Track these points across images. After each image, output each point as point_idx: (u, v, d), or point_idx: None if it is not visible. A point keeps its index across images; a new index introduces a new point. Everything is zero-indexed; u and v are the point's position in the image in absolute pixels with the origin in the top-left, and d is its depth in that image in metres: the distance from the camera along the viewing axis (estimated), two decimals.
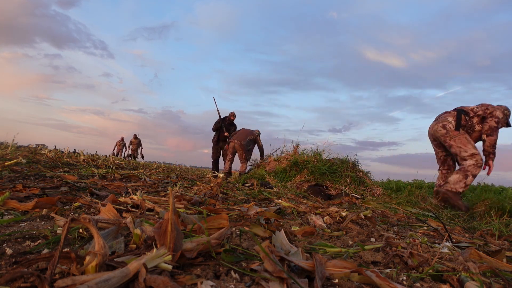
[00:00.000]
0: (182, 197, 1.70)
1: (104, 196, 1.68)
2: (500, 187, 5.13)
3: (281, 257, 0.73)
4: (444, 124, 3.25)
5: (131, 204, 1.34)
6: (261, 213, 1.44)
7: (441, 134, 3.26)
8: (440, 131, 3.27)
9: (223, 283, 0.64)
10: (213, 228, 0.98)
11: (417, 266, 0.89)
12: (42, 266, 0.62)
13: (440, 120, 3.34)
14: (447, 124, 3.23)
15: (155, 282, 0.53)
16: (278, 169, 5.97)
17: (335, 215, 1.65)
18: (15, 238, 0.81)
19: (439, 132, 3.28)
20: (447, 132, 3.19)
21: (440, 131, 3.27)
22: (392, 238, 1.28)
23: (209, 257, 0.78)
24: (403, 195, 4.58)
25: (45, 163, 3.40)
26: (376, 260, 0.94)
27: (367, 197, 4.32)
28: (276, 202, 2.07)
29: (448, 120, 3.25)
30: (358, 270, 0.73)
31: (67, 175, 2.33)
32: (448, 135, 3.19)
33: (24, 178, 2.13)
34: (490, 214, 2.71)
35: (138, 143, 14.88)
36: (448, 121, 3.25)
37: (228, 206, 1.76)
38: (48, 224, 1.00)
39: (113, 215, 1.01)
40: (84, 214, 1.19)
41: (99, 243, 0.61)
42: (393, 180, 7.31)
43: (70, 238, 0.85)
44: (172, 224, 0.70)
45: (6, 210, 1.11)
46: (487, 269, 0.85)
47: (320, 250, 1.01)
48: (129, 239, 0.87)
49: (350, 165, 5.58)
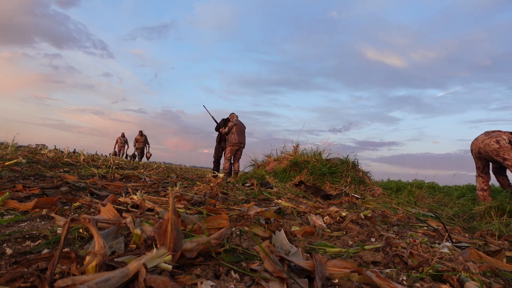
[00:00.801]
0: (182, 197, 1.70)
1: (104, 196, 1.68)
2: (500, 187, 5.13)
3: (281, 257, 0.73)
4: (498, 140, 3.56)
5: (131, 204, 1.34)
6: (261, 213, 1.44)
7: (493, 148, 3.56)
8: (492, 145, 3.58)
9: (223, 283, 0.64)
10: (213, 228, 0.98)
11: (417, 266, 0.89)
12: (42, 266, 0.62)
13: (494, 136, 3.63)
14: (501, 140, 3.54)
15: (155, 282, 0.53)
16: (278, 169, 5.97)
17: (335, 215, 1.65)
18: (15, 238, 0.81)
19: (491, 146, 3.59)
20: (501, 147, 3.50)
21: (492, 145, 3.58)
22: (392, 238, 1.28)
23: (209, 257, 0.78)
24: (403, 195, 4.58)
25: (45, 163, 3.40)
26: (376, 260, 0.94)
27: (367, 197, 4.33)
28: (276, 202, 2.07)
29: (502, 137, 3.57)
30: (358, 270, 0.73)
31: (67, 175, 2.33)
32: (502, 149, 3.50)
33: (24, 178, 2.13)
34: (490, 214, 2.71)
35: (145, 140, 12.88)
36: (502, 138, 3.56)
37: (228, 206, 1.76)
38: (48, 224, 1.00)
39: (113, 215, 1.01)
40: (84, 214, 1.19)
41: (99, 243, 0.61)
42: (393, 180, 7.31)
43: (70, 238, 0.85)
44: (172, 224, 0.70)
45: (6, 210, 1.11)
46: (487, 269, 0.85)
47: (320, 250, 1.01)
48: (129, 239, 0.87)
49: (350, 165, 5.58)
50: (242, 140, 6.54)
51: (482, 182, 3.95)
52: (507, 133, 3.66)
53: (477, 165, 4.01)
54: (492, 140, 3.61)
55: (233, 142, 6.41)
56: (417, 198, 4.51)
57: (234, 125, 6.47)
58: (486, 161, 3.89)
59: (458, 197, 4.51)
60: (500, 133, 3.66)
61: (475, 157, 3.97)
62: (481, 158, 3.88)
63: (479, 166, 3.96)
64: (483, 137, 3.78)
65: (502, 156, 3.51)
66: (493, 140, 3.60)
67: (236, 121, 6.55)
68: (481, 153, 3.79)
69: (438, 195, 4.77)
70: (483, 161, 3.91)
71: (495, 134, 3.67)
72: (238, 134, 6.47)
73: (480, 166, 3.96)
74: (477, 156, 3.92)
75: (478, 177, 3.99)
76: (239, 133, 6.51)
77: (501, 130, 3.76)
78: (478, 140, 3.85)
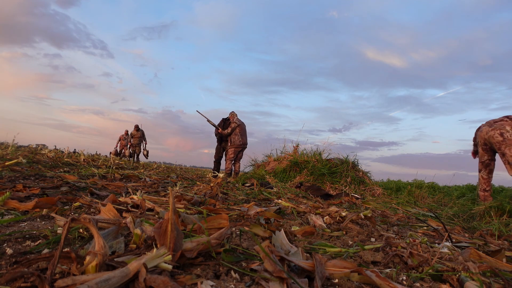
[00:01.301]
0: (182, 197, 1.70)
1: (104, 196, 1.68)
2: (500, 187, 5.13)
3: (281, 257, 0.73)
4: (502, 132, 3.43)
5: (131, 204, 1.34)
6: (261, 213, 1.44)
7: (497, 140, 3.44)
8: (496, 137, 3.45)
9: (223, 283, 0.64)
10: (213, 228, 0.98)
11: (417, 266, 0.89)
12: (42, 266, 0.62)
13: (497, 127, 3.50)
14: (505, 132, 3.41)
15: (155, 282, 0.53)
16: (278, 169, 5.97)
17: (335, 215, 1.65)
18: (16, 238, 0.82)
19: (495, 138, 3.46)
20: (504, 140, 3.38)
21: (496, 137, 3.45)
22: (392, 238, 1.28)
23: (209, 257, 0.78)
24: (403, 195, 4.58)
25: (45, 163, 3.40)
26: (376, 260, 0.94)
27: (367, 197, 4.33)
28: (276, 202, 2.07)
29: (506, 129, 3.44)
30: (358, 270, 0.73)
31: (67, 175, 2.33)
32: (504, 143, 3.37)
33: (25, 178, 2.14)
34: (490, 214, 2.71)
35: (141, 136, 11.53)
36: (506, 129, 3.43)
37: (228, 206, 1.76)
38: (48, 224, 1.00)
39: (113, 215, 1.01)
40: (84, 214, 1.19)
41: (99, 243, 0.61)
42: (393, 180, 7.31)
43: (70, 238, 0.85)
44: (172, 224, 0.70)
45: (6, 210, 1.11)
46: (487, 269, 0.85)
47: (320, 250, 1.01)
48: (129, 239, 0.88)
49: (350, 165, 5.58)
50: (246, 141, 6.52)
51: (484, 183, 3.82)
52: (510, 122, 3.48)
53: (481, 159, 3.80)
54: (496, 133, 3.45)
55: (237, 144, 6.38)
56: (417, 198, 4.51)
57: (237, 126, 6.43)
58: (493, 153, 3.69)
59: (458, 197, 4.51)
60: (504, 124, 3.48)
61: (482, 150, 3.76)
62: (487, 150, 3.69)
63: (485, 160, 3.76)
64: (487, 128, 3.61)
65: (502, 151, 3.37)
66: (497, 132, 3.45)
67: (238, 121, 6.51)
68: (486, 144, 3.64)
69: (438, 195, 4.78)
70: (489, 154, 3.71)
71: (498, 125, 3.50)
72: (242, 135, 6.43)
73: (485, 161, 3.75)
74: (484, 148, 3.72)
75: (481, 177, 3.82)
76: (243, 134, 6.47)
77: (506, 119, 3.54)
78: (482, 132, 3.68)
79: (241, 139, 6.39)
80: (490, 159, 3.75)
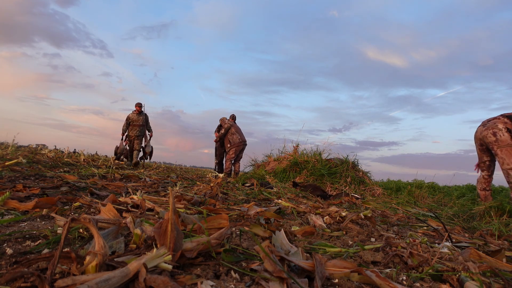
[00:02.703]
0: (182, 197, 1.70)
1: (104, 196, 1.68)
2: (500, 187, 5.13)
3: (281, 257, 0.73)
4: (494, 132, 3.38)
5: (131, 204, 1.34)
6: (261, 213, 1.44)
7: (489, 141, 3.40)
8: (490, 137, 3.40)
9: (223, 283, 0.64)
10: (213, 228, 0.98)
11: (417, 266, 0.89)
12: (42, 266, 0.62)
13: (490, 127, 3.44)
14: (498, 132, 3.35)
15: (155, 282, 0.53)
16: (278, 169, 5.97)
17: (335, 215, 1.65)
18: (16, 238, 0.82)
19: (488, 138, 3.42)
20: (497, 140, 3.33)
21: (490, 137, 3.40)
22: (392, 238, 1.28)
23: (209, 257, 0.78)
24: (403, 195, 4.58)
25: (45, 163, 3.40)
26: (376, 260, 0.94)
27: (367, 197, 4.33)
28: (276, 202, 2.07)
29: (498, 128, 3.37)
30: (358, 270, 0.73)
31: (67, 175, 2.33)
32: (497, 144, 3.32)
33: (25, 178, 2.14)
34: (490, 214, 2.71)
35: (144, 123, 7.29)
36: (499, 128, 3.37)
37: (228, 206, 1.76)
38: (48, 224, 1.00)
39: (113, 215, 1.01)
40: (84, 214, 1.19)
41: (99, 243, 0.61)
42: (393, 180, 7.31)
43: (70, 238, 0.85)
44: (172, 224, 0.70)
45: (6, 210, 1.11)
46: (487, 269, 0.85)
47: (320, 250, 1.01)
48: (129, 239, 0.88)
49: (350, 165, 5.58)
50: (244, 138, 6.58)
51: (484, 183, 3.78)
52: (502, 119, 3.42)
53: (481, 160, 3.74)
54: (489, 133, 3.42)
55: (237, 142, 6.40)
56: (417, 198, 4.51)
57: (231, 126, 6.48)
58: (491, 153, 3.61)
59: (458, 197, 4.51)
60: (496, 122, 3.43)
61: (480, 151, 3.72)
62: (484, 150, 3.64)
63: (485, 161, 3.69)
64: (481, 128, 3.58)
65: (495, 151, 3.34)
66: (490, 132, 3.41)
67: (229, 122, 6.59)
68: (482, 145, 3.60)
69: (438, 195, 4.78)
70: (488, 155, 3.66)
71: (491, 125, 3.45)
72: (238, 133, 6.48)
73: (486, 161, 3.69)
74: (481, 149, 3.69)
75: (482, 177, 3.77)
76: (239, 132, 6.53)
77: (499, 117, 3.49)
78: (477, 132, 3.64)
79: (239, 137, 6.43)
80: (490, 160, 3.71)
